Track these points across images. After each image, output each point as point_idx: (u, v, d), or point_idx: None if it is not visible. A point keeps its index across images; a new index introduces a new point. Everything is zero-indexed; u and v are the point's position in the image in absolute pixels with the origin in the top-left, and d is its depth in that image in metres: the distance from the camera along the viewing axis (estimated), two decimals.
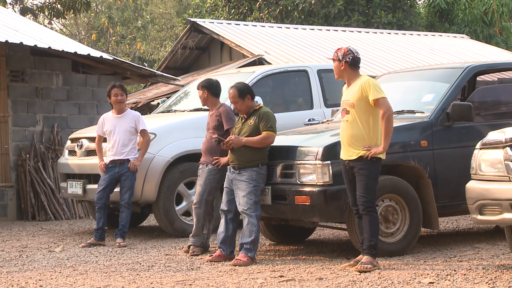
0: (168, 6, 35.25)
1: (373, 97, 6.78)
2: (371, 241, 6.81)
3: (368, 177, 6.80)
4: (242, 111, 7.75)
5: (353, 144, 6.85)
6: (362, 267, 6.70)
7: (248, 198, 7.48)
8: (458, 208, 7.89)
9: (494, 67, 9.86)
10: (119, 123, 9.24)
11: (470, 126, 7.98)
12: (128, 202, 9.11)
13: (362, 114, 6.84)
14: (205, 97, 8.39)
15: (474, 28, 25.92)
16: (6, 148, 12.32)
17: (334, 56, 7.10)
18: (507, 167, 6.11)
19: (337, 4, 23.55)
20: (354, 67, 7.01)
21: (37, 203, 12.25)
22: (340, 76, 7.09)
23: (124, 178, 9.12)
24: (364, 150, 6.79)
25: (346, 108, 6.94)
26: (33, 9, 25.26)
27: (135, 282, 6.66)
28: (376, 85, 6.85)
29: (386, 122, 6.76)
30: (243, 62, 16.62)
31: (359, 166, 6.82)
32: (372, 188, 6.84)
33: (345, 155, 6.96)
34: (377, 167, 6.86)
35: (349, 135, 6.88)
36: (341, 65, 7.01)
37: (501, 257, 7.22)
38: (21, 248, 9.06)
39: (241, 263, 7.36)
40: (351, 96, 6.93)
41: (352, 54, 7.00)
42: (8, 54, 12.41)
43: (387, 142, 6.78)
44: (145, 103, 15.87)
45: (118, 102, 9.30)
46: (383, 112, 6.77)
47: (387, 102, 6.81)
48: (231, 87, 7.86)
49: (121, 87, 9.37)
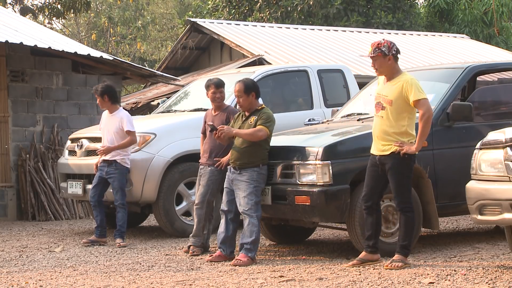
0: (169, 6, 35.24)
1: (414, 98, 6.73)
2: (404, 241, 6.83)
3: (401, 174, 6.78)
4: (243, 107, 7.74)
5: (386, 140, 6.82)
6: (392, 265, 6.72)
7: (248, 198, 7.48)
8: (458, 208, 7.89)
9: (494, 67, 9.86)
10: (109, 122, 9.31)
11: (470, 126, 7.98)
12: (121, 203, 9.11)
13: (399, 113, 6.79)
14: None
15: (474, 28, 25.92)
16: (6, 148, 12.32)
17: (378, 52, 6.82)
18: (507, 167, 6.10)
19: (335, 4, 23.54)
20: (397, 60, 6.93)
21: (37, 203, 12.25)
22: (384, 72, 6.89)
23: (112, 180, 9.14)
24: (397, 146, 6.76)
25: (382, 103, 6.86)
26: (33, 9, 25.27)
27: (135, 282, 6.66)
28: (418, 85, 6.78)
29: (424, 123, 6.72)
30: (243, 62, 16.62)
31: (392, 163, 6.79)
32: (406, 186, 6.83)
33: (376, 150, 6.91)
34: (409, 164, 6.82)
35: (383, 131, 6.84)
36: (388, 59, 6.85)
37: (501, 257, 7.21)
38: (21, 248, 9.06)
39: (241, 263, 7.36)
40: (390, 92, 6.83)
41: (395, 46, 6.90)
42: (8, 54, 12.42)
43: (421, 142, 6.75)
44: (145, 103, 15.88)
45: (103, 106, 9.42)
46: (422, 112, 6.72)
47: (428, 104, 6.77)
48: (239, 80, 7.85)
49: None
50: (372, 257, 6.99)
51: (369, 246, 7.01)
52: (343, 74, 11.06)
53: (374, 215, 6.97)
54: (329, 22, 23.45)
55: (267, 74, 10.33)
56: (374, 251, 7.01)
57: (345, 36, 20.31)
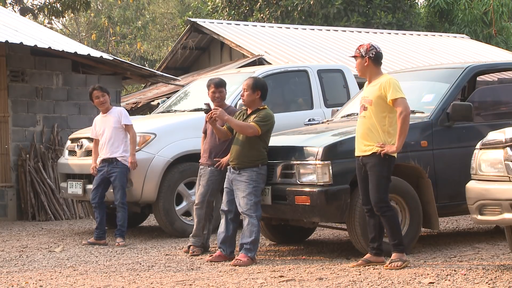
0: (170, 6, 35.25)
1: (391, 97, 6.79)
2: (394, 240, 6.83)
3: (379, 175, 6.80)
4: (245, 102, 7.73)
5: (367, 140, 6.86)
6: (392, 265, 6.73)
7: (248, 199, 7.48)
8: (458, 208, 7.88)
9: (494, 67, 9.86)
10: (106, 122, 9.31)
11: (470, 126, 7.98)
12: (122, 202, 9.11)
13: (379, 112, 6.84)
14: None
15: (474, 28, 25.92)
16: (6, 148, 12.32)
17: (356, 52, 7.06)
18: (507, 167, 6.10)
19: (336, 4, 23.55)
20: (377, 63, 7.00)
21: (37, 203, 12.25)
22: (363, 73, 7.06)
23: (113, 178, 9.13)
24: (378, 147, 6.79)
25: (364, 104, 6.96)
26: (33, 9, 25.26)
27: (135, 282, 6.66)
28: (396, 85, 6.84)
29: (401, 121, 6.75)
30: (243, 62, 16.63)
31: (372, 163, 6.83)
32: (384, 187, 6.83)
33: (359, 150, 6.96)
34: (389, 165, 6.85)
35: (364, 131, 6.89)
36: (365, 61, 6.99)
37: (501, 257, 7.21)
38: (21, 248, 9.06)
39: (241, 263, 7.36)
40: (370, 93, 6.94)
41: (375, 50, 7.00)
42: (8, 54, 12.42)
43: (401, 142, 6.77)
44: (145, 103, 15.88)
45: (101, 103, 9.39)
46: (400, 111, 6.76)
47: (405, 102, 6.80)
48: (251, 76, 7.92)
49: (100, 88, 9.44)
50: (377, 259, 6.99)
51: (374, 248, 7.01)
52: (343, 74, 11.07)
53: (376, 217, 6.97)
54: (329, 22, 23.45)
55: (267, 74, 10.32)
56: (379, 253, 7.01)
57: (345, 36, 20.32)
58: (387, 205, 6.88)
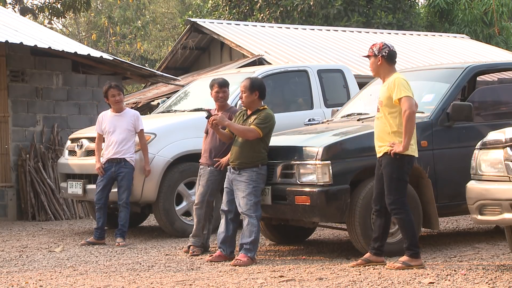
0: (171, 5, 35.25)
1: (396, 96, 6.76)
2: (406, 243, 6.81)
3: (390, 176, 6.77)
4: (244, 103, 7.74)
5: (381, 141, 6.86)
6: (392, 265, 6.75)
7: (247, 199, 7.48)
8: (458, 208, 7.88)
9: (494, 67, 9.86)
10: (119, 122, 9.25)
11: (470, 126, 7.98)
12: (126, 202, 9.12)
13: (389, 112, 6.83)
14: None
15: (474, 28, 25.92)
16: (6, 148, 12.33)
17: (369, 52, 7.00)
18: (507, 167, 6.10)
19: (336, 5, 23.55)
20: (391, 62, 6.96)
21: (37, 203, 12.25)
22: (377, 73, 7.02)
23: (120, 178, 9.13)
24: (389, 146, 6.78)
25: (378, 105, 6.96)
26: (33, 9, 25.27)
27: (135, 282, 6.66)
28: (402, 84, 6.79)
29: (406, 120, 6.72)
30: (243, 62, 16.62)
31: (384, 163, 6.81)
32: (395, 188, 6.77)
33: (376, 151, 6.96)
34: (400, 165, 6.78)
35: (378, 132, 6.90)
36: (378, 60, 6.94)
37: (501, 257, 7.22)
38: (21, 248, 9.06)
39: (241, 263, 7.36)
40: (382, 94, 6.93)
41: (388, 48, 6.95)
42: (8, 54, 12.42)
43: (407, 140, 6.73)
44: (145, 103, 15.87)
45: (116, 102, 9.33)
46: (404, 110, 6.73)
47: (410, 101, 6.75)
48: (248, 77, 7.88)
49: (118, 87, 9.41)
50: (376, 259, 6.98)
51: (374, 248, 7.00)
52: (343, 74, 11.07)
53: (383, 218, 6.95)
54: (329, 22, 23.44)
55: (267, 74, 10.33)
56: (379, 253, 7.00)
57: (345, 36, 20.32)
58: (399, 207, 6.79)
